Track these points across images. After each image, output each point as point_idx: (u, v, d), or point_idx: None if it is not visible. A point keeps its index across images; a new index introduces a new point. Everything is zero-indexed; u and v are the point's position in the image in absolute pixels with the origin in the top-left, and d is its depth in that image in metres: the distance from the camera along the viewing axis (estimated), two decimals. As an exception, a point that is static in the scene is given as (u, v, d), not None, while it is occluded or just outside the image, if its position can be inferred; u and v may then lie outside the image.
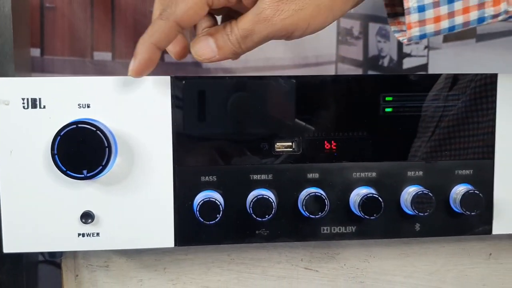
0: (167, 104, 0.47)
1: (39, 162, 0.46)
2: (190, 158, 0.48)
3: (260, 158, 0.49)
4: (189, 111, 0.48)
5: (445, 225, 0.51)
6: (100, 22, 1.11)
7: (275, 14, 0.42)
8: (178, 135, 0.48)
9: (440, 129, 0.50)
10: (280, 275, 0.58)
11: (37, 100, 0.46)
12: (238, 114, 0.48)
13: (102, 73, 1.12)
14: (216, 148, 0.48)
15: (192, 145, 0.48)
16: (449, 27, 0.44)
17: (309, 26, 0.43)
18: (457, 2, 0.43)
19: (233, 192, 0.48)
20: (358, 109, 0.49)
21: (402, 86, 0.49)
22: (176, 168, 0.48)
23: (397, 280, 0.59)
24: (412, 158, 0.50)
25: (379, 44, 1.17)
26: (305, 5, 0.42)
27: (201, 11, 0.43)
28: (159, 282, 0.56)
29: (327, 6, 0.43)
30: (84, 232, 0.48)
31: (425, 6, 0.43)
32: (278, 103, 0.49)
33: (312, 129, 0.49)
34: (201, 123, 0.48)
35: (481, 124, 0.50)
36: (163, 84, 0.47)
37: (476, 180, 0.50)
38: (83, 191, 0.47)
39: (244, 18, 0.43)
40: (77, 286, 0.55)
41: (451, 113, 0.49)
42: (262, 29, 0.43)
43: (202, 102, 0.48)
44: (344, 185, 0.49)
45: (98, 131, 0.44)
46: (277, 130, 0.49)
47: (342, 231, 0.50)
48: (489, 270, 0.60)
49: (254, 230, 0.49)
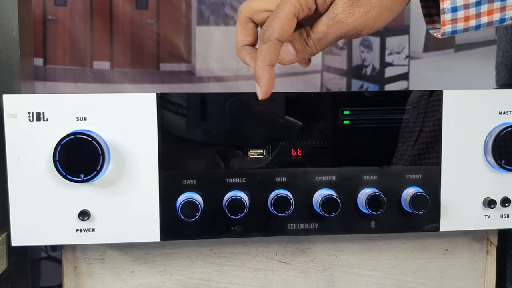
0: (153, 117, 0.53)
1: (42, 167, 0.52)
2: (173, 164, 0.54)
3: (235, 163, 0.55)
4: (172, 124, 0.54)
5: (397, 223, 0.56)
6: (99, 33, 1.17)
7: (348, 17, 0.48)
8: (163, 144, 0.54)
9: (392, 138, 0.56)
10: (256, 267, 0.63)
11: (41, 114, 0.52)
12: (215, 126, 0.54)
13: (101, 81, 1.19)
14: (196, 155, 0.54)
15: (175, 152, 0.54)
16: (476, 25, 0.51)
17: (374, 25, 0.50)
18: (483, 5, 0.50)
19: (211, 193, 0.54)
20: (320, 121, 0.55)
21: (358, 102, 0.55)
22: (161, 173, 0.54)
23: (362, 273, 0.65)
24: (367, 164, 0.56)
25: (363, 54, 1.23)
26: (372, 7, 0.48)
27: (292, 24, 0.49)
28: (149, 273, 0.62)
29: (388, 7, 0.49)
30: (81, 228, 0.53)
31: (457, 7, 0.49)
32: (250, 116, 0.55)
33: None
34: (183, 134, 0.54)
35: (429, 134, 0.56)
36: (149, 100, 0.53)
37: (425, 184, 0.56)
38: (80, 192, 0.53)
39: (319, 23, 0.49)
40: (76, 276, 0.61)
41: (403, 124, 0.56)
42: (336, 30, 0.49)
43: (184, 116, 0.54)
44: (308, 187, 0.55)
45: (93, 141, 0.50)
46: (250, 140, 0.55)
47: (306, 227, 0.56)
48: (445, 264, 0.66)
49: (230, 226, 0.55)
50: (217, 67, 1.20)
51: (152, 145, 0.54)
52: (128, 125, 0.53)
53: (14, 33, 0.55)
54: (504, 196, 0.57)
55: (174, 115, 0.54)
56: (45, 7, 1.16)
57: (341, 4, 0.49)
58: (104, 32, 1.18)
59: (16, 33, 0.55)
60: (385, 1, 0.49)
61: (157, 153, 0.54)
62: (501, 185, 0.57)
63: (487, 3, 0.50)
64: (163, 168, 0.54)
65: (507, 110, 0.56)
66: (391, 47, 1.24)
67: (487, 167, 0.57)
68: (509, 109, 0.56)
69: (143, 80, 1.19)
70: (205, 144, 0.55)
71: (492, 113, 0.56)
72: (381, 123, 0.55)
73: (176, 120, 0.54)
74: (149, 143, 0.54)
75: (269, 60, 0.49)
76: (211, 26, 1.20)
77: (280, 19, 0.48)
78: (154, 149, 0.54)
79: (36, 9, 1.15)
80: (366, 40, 1.21)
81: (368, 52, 1.23)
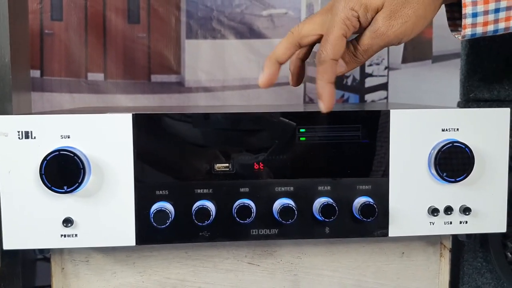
0: (129, 134, 0.59)
1: (30, 179, 0.58)
2: (147, 176, 0.60)
3: (203, 176, 0.61)
4: (146, 140, 0.59)
5: (350, 229, 0.62)
6: (93, 46, 1.22)
7: (388, 29, 0.55)
8: (138, 159, 0.59)
9: (344, 153, 0.62)
10: (228, 268, 0.69)
11: (29, 132, 0.57)
12: (185, 143, 0.60)
13: (95, 91, 1.24)
14: (168, 169, 0.60)
15: (149, 166, 0.60)
16: (494, 30, 0.56)
17: (412, 32, 0.56)
18: (501, 12, 0.55)
19: (181, 203, 0.60)
20: (280, 138, 0.61)
21: (314, 120, 0.61)
22: (136, 184, 0.59)
23: (325, 274, 0.70)
24: (322, 175, 0.61)
25: (343, 65, 1.28)
26: (409, 18, 0.54)
27: (342, 43, 0.56)
28: (129, 273, 0.67)
29: (422, 15, 0.55)
30: (65, 233, 0.59)
31: (477, 13, 0.55)
32: (218, 134, 0.61)
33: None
34: (156, 149, 0.60)
35: (378, 149, 0.62)
36: (126, 120, 0.59)
37: (374, 194, 0.62)
38: (64, 202, 0.59)
39: (364, 36, 0.56)
40: (63, 277, 0.67)
41: (354, 140, 0.62)
42: (379, 42, 0.55)
43: (157, 134, 0.60)
44: (268, 197, 0.61)
45: (75, 156, 0.56)
46: (216, 155, 0.61)
47: (267, 232, 0.61)
48: (402, 265, 0.71)
49: (198, 232, 0.60)
50: (205, 78, 1.26)
51: (128, 159, 0.59)
52: (107, 142, 0.59)
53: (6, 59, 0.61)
54: (447, 205, 0.63)
55: (148, 133, 0.59)
56: (42, 22, 1.21)
57: (381, 18, 0.55)
58: (98, 46, 1.23)
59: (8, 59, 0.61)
60: (420, 11, 0.55)
61: (132, 167, 0.59)
62: (444, 195, 0.63)
63: (505, 10, 0.55)
64: (138, 180, 0.59)
65: (448, 127, 0.62)
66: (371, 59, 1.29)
67: (431, 179, 0.62)
68: (451, 126, 0.62)
69: (135, 90, 1.24)
70: (176, 158, 0.60)
71: (435, 130, 0.62)
72: (334, 139, 0.61)
73: (150, 137, 0.60)
74: (125, 158, 0.59)
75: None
76: (200, 40, 1.25)
77: (332, 42, 0.55)
78: (130, 163, 0.59)
79: (34, 24, 1.20)
80: (347, 52, 1.26)
81: (348, 64, 1.28)
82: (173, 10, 1.22)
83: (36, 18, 1.19)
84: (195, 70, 1.23)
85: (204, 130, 0.61)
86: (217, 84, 1.25)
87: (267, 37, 1.25)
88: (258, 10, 1.25)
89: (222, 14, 1.24)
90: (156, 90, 1.24)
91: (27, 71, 0.99)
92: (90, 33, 1.21)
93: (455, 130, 0.62)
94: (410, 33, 0.56)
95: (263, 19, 1.25)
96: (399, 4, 0.54)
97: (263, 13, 1.25)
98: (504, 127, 0.62)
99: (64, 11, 1.20)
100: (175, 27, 1.23)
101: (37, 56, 1.20)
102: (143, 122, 0.59)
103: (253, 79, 1.27)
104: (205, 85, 1.25)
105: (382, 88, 1.29)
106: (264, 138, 0.61)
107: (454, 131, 0.62)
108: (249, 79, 1.26)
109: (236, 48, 1.25)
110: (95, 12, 1.20)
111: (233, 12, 1.25)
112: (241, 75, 1.26)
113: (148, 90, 1.24)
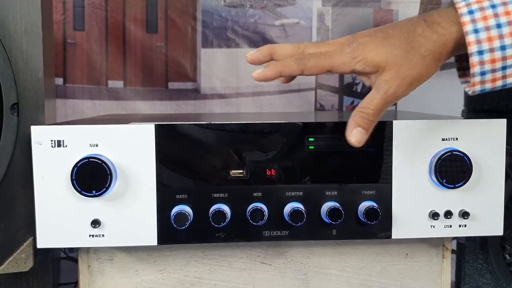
0: (151, 143, 0.63)
1: (62, 184, 0.62)
2: (168, 182, 0.64)
3: (219, 181, 0.65)
4: (167, 148, 0.63)
5: (355, 231, 0.66)
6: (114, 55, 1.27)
7: (398, 88, 0.56)
8: (160, 165, 0.63)
9: (350, 161, 0.65)
10: (242, 267, 0.72)
11: (61, 141, 0.62)
12: (203, 151, 0.64)
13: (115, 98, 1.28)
14: (187, 175, 0.64)
15: (170, 172, 0.64)
16: (502, 85, 0.57)
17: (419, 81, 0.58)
18: (509, 69, 0.55)
19: (199, 206, 0.64)
20: (290, 146, 0.65)
21: (322, 130, 0.65)
22: (158, 189, 0.64)
23: (333, 273, 0.73)
24: (329, 181, 0.65)
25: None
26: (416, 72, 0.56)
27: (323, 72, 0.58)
28: (150, 271, 0.71)
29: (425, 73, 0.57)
30: (93, 233, 0.63)
31: (485, 71, 0.56)
32: (232, 143, 0.65)
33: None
34: (176, 157, 0.64)
35: (382, 157, 0.66)
36: (149, 130, 0.63)
37: (378, 198, 0.65)
38: (93, 204, 0.63)
39: (375, 100, 0.57)
40: (89, 274, 0.71)
41: (359, 149, 0.65)
42: (392, 100, 0.57)
43: (177, 142, 0.64)
44: (279, 201, 0.65)
45: (103, 163, 0.61)
46: (232, 162, 0.65)
47: (278, 234, 0.65)
48: (406, 266, 0.74)
49: (214, 233, 0.65)
50: (219, 85, 1.29)
51: (151, 166, 0.64)
52: (132, 150, 0.63)
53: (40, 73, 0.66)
54: (446, 210, 0.66)
55: (169, 142, 0.64)
56: (65, 32, 1.25)
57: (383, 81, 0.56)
58: (118, 54, 1.26)
59: (41, 73, 0.66)
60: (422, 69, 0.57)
61: (155, 173, 0.64)
62: (444, 200, 0.66)
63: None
64: (160, 184, 0.64)
65: (448, 137, 0.66)
66: (380, 67, 1.32)
67: (432, 185, 0.66)
68: (450, 136, 0.66)
69: (153, 97, 1.29)
70: (195, 165, 0.65)
71: (436, 140, 0.66)
72: (341, 148, 0.65)
73: (170, 146, 0.64)
74: (148, 165, 0.63)
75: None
76: (215, 48, 1.28)
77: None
78: (153, 169, 0.64)
79: (57, 33, 1.24)
80: (356, 60, 1.30)
81: (358, 71, 1.31)
82: (190, 20, 1.27)
83: (59, 28, 1.24)
84: (210, 77, 1.27)
85: (220, 139, 0.64)
86: (231, 91, 1.29)
87: (279, 45, 1.29)
88: (271, 20, 1.29)
89: (236, 24, 1.28)
90: (173, 96, 1.28)
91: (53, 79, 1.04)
92: (110, 42, 1.25)
93: (454, 139, 0.66)
94: (419, 84, 0.58)
95: (276, 28, 1.29)
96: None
97: (276, 23, 1.29)
98: (501, 137, 0.66)
99: (86, 21, 1.25)
100: (191, 37, 1.27)
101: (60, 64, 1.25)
102: (164, 132, 0.64)
103: (266, 86, 1.30)
104: (219, 92, 1.28)
105: (391, 95, 1.32)
106: (275, 146, 0.65)
107: (453, 140, 0.66)
108: (262, 86, 1.30)
109: (250, 56, 1.28)
110: (115, 22, 1.25)
111: (247, 22, 1.28)
112: (254, 83, 1.29)
113: (166, 97, 1.28)
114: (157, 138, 0.64)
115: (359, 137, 0.58)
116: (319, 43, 0.61)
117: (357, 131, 0.58)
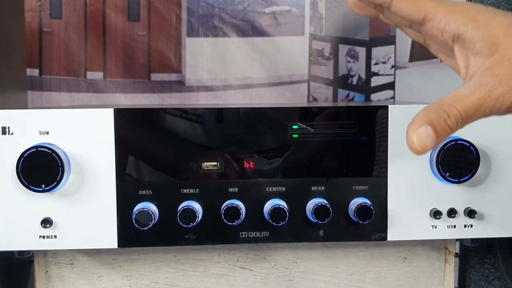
0: (111, 131, 0.57)
1: (7, 177, 0.56)
2: (130, 175, 0.57)
3: (189, 175, 0.58)
4: (129, 137, 0.57)
5: (345, 232, 0.59)
6: (93, 45, 1.21)
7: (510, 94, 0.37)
8: (120, 156, 0.57)
9: (340, 151, 0.59)
10: (219, 273, 0.67)
11: (7, 128, 0.55)
12: (170, 140, 0.58)
13: (94, 91, 1.22)
14: (152, 167, 0.58)
15: (132, 164, 0.57)
16: None
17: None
18: None
19: (166, 203, 0.57)
20: (271, 135, 0.58)
21: (307, 116, 0.58)
22: (118, 183, 0.57)
23: (322, 279, 0.68)
24: (315, 175, 0.59)
25: (349, 64, 1.25)
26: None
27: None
28: (116, 277, 0.66)
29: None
30: (44, 234, 0.57)
31: None
32: (204, 131, 0.58)
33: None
34: (139, 147, 0.57)
35: (376, 147, 0.59)
36: (107, 115, 0.57)
37: (372, 194, 0.59)
38: (43, 201, 0.56)
39: (468, 98, 0.38)
40: (47, 280, 0.65)
41: (350, 138, 0.59)
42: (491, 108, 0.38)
43: (141, 130, 0.57)
44: (258, 198, 0.58)
45: (53, 153, 0.54)
46: (204, 152, 0.58)
47: (257, 235, 0.59)
48: (404, 271, 0.68)
49: (183, 235, 0.58)
50: (206, 76, 1.24)
51: (110, 157, 0.57)
52: (88, 139, 0.57)
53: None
54: (450, 207, 0.60)
55: (131, 129, 0.57)
56: (41, 20, 1.20)
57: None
58: (98, 44, 1.21)
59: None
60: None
61: (114, 165, 0.57)
62: (447, 196, 0.60)
63: None
64: (120, 179, 0.57)
65: (452, 124, 0.59)
66: (377, 57, 1.26)
67: (433, 180, 0.59)
68: (454, 123, 0.59)
69: (135, 89, 1.23)
70: (161, 156, 0.58)
71: (438, 127, 0.59)
72: (329, 136, 0.58)
73: (133, 134, 0.57)
74: (107, 156, 0.57)
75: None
76: (201, 38, 1.23)
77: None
78: (112, 161, 0.57)
79: (33, 22, 1.19)
80: (352, 50, 1.24)
81: (354, 62, 1.25)
82: (174, 8, 1.21)
83: (35, 16, 1.18)
84: (196, 68, 1.22)
85: (190, 127, 0.58)
86: (218, 83, 1.24)
87: (270, 35, 1.22)
88: (261, 8, 1.23)
89: (224, 12, 1.22)
90: (156, 89, 1.22)
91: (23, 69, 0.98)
92: (89, 31, 1.20)
93: (459, 127, 0.59)
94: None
95: (266, 16, 1.23)
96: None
97: (266, 10, 1.23)
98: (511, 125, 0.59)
99: (63, 9, 1.19)
100: (175, 25, 1.21)
101: (35, 54, 1.19)
102: (125, 117, 0.57)
103: (255, 78, 1.24)
104: (206, 84, 1.23)
105: (389, 88, 1.25)
106: (254, 135, 0.58)
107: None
108: (252, 78, 1.24)
109: (238, 46, 1.23)
110: (94, 10, 1.19)
111: (235, 9, 1.23)
112: (244, 74, 1.24)
113: (148, 89, 1.22)
114: (117, 125, 0.57)
115: (425, 141, 0.38)
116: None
117: (426, 131, 0.38)
